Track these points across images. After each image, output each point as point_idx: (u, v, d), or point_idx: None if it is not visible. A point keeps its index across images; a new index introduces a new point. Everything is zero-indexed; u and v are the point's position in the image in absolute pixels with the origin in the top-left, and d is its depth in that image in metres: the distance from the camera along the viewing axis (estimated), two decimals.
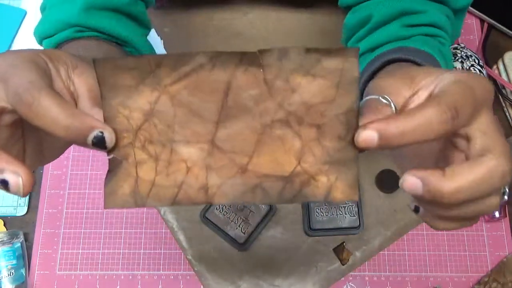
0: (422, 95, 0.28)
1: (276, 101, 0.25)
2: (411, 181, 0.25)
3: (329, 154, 0.25)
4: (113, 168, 0.26)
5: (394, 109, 0.28)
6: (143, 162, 0.25)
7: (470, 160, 0.25)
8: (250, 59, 0.25)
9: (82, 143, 0.25)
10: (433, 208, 0.27)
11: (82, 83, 0.30)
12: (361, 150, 0.25)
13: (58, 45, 0.43)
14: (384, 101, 0.28)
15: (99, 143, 0.25)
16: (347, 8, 0.48)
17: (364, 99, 0.28)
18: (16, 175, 0.25)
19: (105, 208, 0.25)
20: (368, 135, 0.24)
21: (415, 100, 0.28)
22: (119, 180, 0.25)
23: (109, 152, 0.26)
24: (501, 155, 0.24)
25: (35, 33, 0.46)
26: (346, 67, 0.25)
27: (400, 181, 0.25)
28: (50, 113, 0.25)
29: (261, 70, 0.25)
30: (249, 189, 0.25)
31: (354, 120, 0.25)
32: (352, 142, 0.25)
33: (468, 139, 0.26)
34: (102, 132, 0.25)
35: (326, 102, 0.25)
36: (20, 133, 0.30)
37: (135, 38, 0.46)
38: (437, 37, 0.44)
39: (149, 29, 0.51)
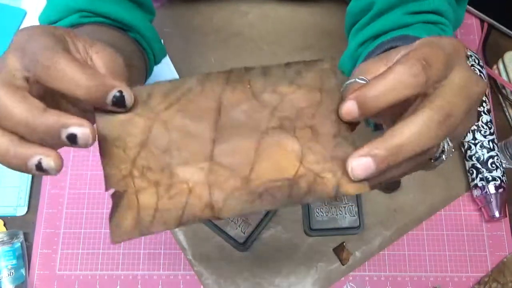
0: None
1: (267, 111, 0.26)
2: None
3: (328, 151, 0.26)
4: (116, 201, 0.25)
5: None
6: (143, 190, 0.25)
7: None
8: (236, 77, 0.26)
9: (102, 103, 0.26)
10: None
11: (99, 59, 0.30)
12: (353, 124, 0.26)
13: None
14: (361, 81, 0.28)
15: (119, 102, 0.26)
16: None
17: (344, 84, 0.28)
18: (82, 127, 0.24)
19: (112, 243, 0.25)
20: (348, 106, 0.25)
21: None
22: (122, 213, 0.25)
23: (108, 187, 0.25)
24: (442, 109, 0.24)
25: (40, 18, 0.45)
26: (324, 76, 0.27)
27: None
28: (70, 74, 0.25)
29: (248, 86, 0.26)
30: (256, 197, 0.25)
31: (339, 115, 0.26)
32: (347, 138, 0.26)
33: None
34: (121, 91, 0.25)
35: (314, 105, 0.26)
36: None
37: (141, 24, 0.46)
38: (439, 24, 0.43)
39: (154, 15, 0.51)
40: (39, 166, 0.25)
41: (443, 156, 0.29)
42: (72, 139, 0.24)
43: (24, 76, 0.27)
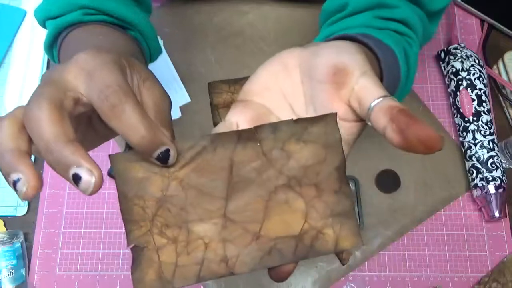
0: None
1: (276, 169, 0.28)
2: None
3: (330, 208, 0.28)
4: (137, 256, 0.27)
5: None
6: (163, 247, 0.27)
7: None
8: (247, 136, 0.28)
9: (147, 154, 0.26)
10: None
11: (149, 98, 0.31)
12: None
13: (64, 29, 0.42)
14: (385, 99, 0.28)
15: (163, 158, 0.26)
16: None
17: (372, 104, 0.28)
18: (90, 174, 0.25)
19: None
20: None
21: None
22: (144, 268, 0.27)
23: (130, 242, 0.27)
24: None
25: (36, 13, 0.44)
26: (328, 130, 0.28)
27: None
28: (132, 119, 0.25)
29: (258, 144, 0.28)
30: (265, 253, 0.27)
31: (343, 174, 0.28)
32: (346, 193, 0.28)
33: None
34: (169, 150, 0.26)
35: (319, 163, 0.28)
36: (76, 125, 0.30)
37: (141, 21, 0.46)
38: (406, 36, 0.44)
39: (150, 12, 0.52)
40: (14, 184, 0.25)
41: None
42: (75, 180, 0.25)
43: (76, 98, 0.27)
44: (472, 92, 0.62)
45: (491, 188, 0.59)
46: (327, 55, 0.29)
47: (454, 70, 0.64)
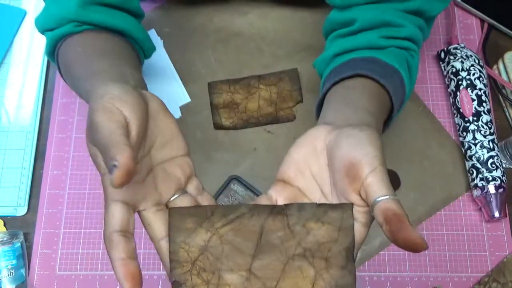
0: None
1: (296, 240, 0.34)
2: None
3: (335, 280, 0.33)
4: (175, 287, 0.34)
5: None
6: (197, 286, 0.33)
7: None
8: (277, 211, 0.34)
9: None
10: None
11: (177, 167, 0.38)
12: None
13: (61, 39, 0.49)
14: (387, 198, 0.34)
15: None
16: (333, 6, 0.53)
17: (376, 200, 0.33)
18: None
19: None
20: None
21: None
22: None
23: (172, 277, 0.34)
24: None
25: (37, 22, 0.51)
26: (344, 217, 0.34)
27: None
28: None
29: (286, 218, 0.34)
30: None
31: (351, 254, 0.33)
32: (351, 271, 0.33)
33: None
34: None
35: (331, 241, 0.33)
36: None
37: (131, 27, 0.50)
38: (410, 50, 0.50)
39: (143, 16, 0.55)
40: None
41: None
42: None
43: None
44: (472, 92, 0.62)
45: (491, 188, 0.59)
46: (345, 148, 0.34)
47: (454, 70, 0.64)
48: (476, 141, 0.61)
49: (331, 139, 0.35)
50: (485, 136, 0.61)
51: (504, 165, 0.62)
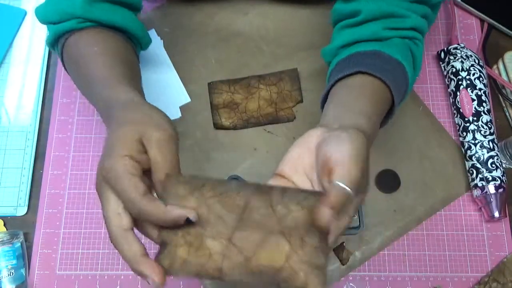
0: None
1: (277, 218, 0.36)
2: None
3: (308, 257, 0.35)
4: (161, 247, 0.36)
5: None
6: (180, 246, 0.36)
7: None
8: (264, 190, 0.37)
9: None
10: None
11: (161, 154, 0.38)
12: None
13: (63, 34, 0.51)
14: (341, 185, 0.36)
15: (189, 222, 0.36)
16: None
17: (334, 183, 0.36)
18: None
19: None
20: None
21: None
22: (163, 257, 0.36)
23: (159, 237, 0.36)
24: None
25: (37, 12, 0.52)
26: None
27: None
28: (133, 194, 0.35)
29: (270, 198, 0.37)
30: (250, 274, 0.35)
31: (324, 237, 0.36)
32: (323, 251, 0.35)
33: None
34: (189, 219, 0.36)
35: (308, 224, 0.36)
36: None
37: (130, 24, 0.53)
38: (414, 39, 0.51)
39: (140, 9, 0.57)
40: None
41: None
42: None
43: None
44: (472, 92, 0.62)
45: (491, 188, 0.59)
46: (327, 146, 0.37)
47: (454, 70, 0.64)
48: (476, 141, 0.61)
49: (320, 140, 0.39)
50: (485, 136, 0.61)
51: (504, 165, 0.62)
